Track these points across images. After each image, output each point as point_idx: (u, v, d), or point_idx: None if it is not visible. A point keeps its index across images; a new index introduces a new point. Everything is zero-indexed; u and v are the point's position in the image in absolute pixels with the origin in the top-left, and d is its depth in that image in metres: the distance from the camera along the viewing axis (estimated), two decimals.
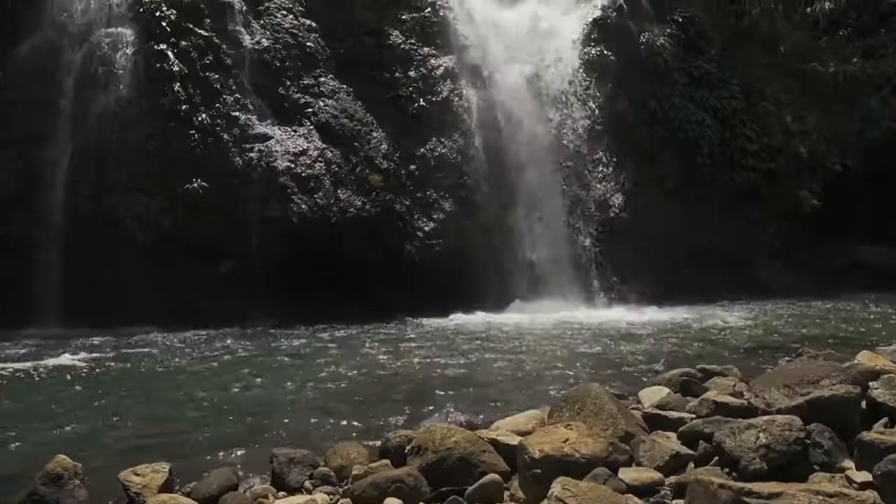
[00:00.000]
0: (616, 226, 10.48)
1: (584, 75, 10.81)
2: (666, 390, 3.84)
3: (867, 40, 12.36)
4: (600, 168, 10.60)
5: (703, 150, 11.20)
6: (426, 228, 9.66)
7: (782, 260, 11.61)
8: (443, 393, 4.87)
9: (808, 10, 12.34)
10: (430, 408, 4.42)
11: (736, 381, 4.28)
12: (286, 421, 4.29)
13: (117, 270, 8.52)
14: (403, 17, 10.80)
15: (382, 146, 9.76)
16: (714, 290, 10.41)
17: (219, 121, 9.19)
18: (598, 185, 10.63)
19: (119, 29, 9.37)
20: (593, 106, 10.67)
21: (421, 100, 10.24)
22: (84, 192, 8.85)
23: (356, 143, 9.60)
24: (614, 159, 10.65)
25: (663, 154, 11.04)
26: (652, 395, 3.79)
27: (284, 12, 10.18)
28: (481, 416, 4.05)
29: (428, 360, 6.15)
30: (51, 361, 6.38)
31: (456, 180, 9.92)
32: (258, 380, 5.56)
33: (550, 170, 10.32)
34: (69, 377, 5.81)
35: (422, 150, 9.95)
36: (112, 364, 6.39)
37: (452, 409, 4.28)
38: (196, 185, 8.89)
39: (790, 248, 11.57)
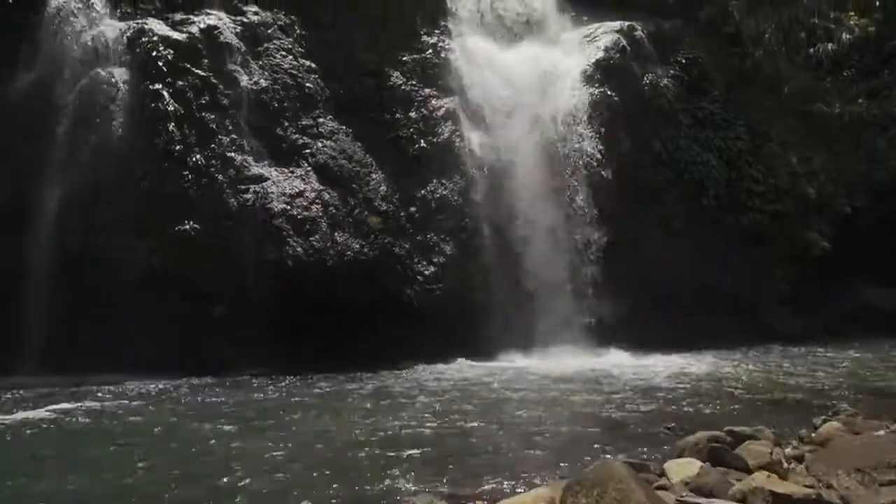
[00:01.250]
0: (620, 268, 9.93)
1: (588, 116, 10.40)
2: (697, 463, 3.30)
3: (871, 81, 12.02)
4: (604, 209, 10.11)
5: (708, 191, 10.77)
6: (426, 272, 9.16)
7: (791, 303, 11.10)
8: (428, 458, 4.30)
9: (811, 51, 12.01)
10: (412, 478, 3.86)
11: (771, 446, 3.74)
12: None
13: (103, 313, 7.96)
14: (404, 58, 10.47)
15: (382, 188, 9.32)
16: (722, 335, 9.90)
17: (214, 161, 8.77)
18: (602, 227, 10.13)
19: (115, 68, 8.98)
20: (597, 147, 10.22)
21: (421, 141, 9.83)
22: (73, 231, 8.38)
23: (354, 185, 9.16)
24: (618, 200, 10.17)
25: (668, 195, 10.60)
26: (681, 470, 3.24)
27: (284, 53, 9.84)
28: (473, 490, 3.51)
29: (415, 421, 5.55)
30: (9, 418, 5.84)
31: (457, 223, 9.45)
32: (213, 441, 5.00)
33: (553, 211, 9.85)
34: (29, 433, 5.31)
35: (422, 191, 9.50)
36: (79, 419, 5.87)
37: (439, 481, 3.72)
38: (188, 226, 8.42)
39: (799, 291, 11.07)
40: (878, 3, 12.52)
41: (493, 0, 11.62)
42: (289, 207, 8.74)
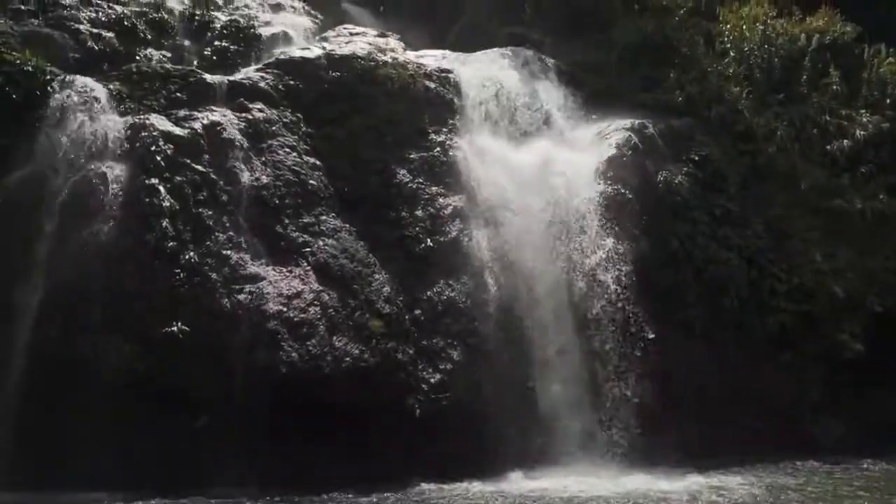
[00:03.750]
0: (640, 375, 8.94)
1: (601, 214, 9.64)
2: None
3: (889, 177, 11.28)
4: (621, 312, 9.18)
5: (730, 291, 9.84)
6: (431, 380, 8.14)
7: (826, 410, 9.96)
8: None
9: (827, 147, 11.37)
10: None
11: None
12: None
13: (78, 423, 7.06)
14: (412, 155, 9.88)
15: (385, 289, 8.46)
16: (755, 447, 8.86)
17: (208, 259, 7.99)
18: (620, 330, 9.18)
19: (112, 163, 8.35)
20: (612, 246, 9.40)
21: (428, 240, 9.06)
22: (53, 333, 7.50)
23: (356, 286, 8.31)
24: (636, 303, 9.25)
25: (688, 296, 9.69)
26: None
27: (288, 149, 9.25)
28: None
29: None
30: None
31: (465, 326, 8.51)
32: None
33: (567, 314, 8.94)
34: None
35: (428, 293, 8.63)
36: None
37: None
38: (176, 328, 7.55)
39: (833, 396, 9.96)
40: (888, 101, 12.01)
41: (501, 98, 11.16)
42: (285, 309, 7.87)
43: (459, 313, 8.59)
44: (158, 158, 8.31)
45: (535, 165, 10.26)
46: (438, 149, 10.00)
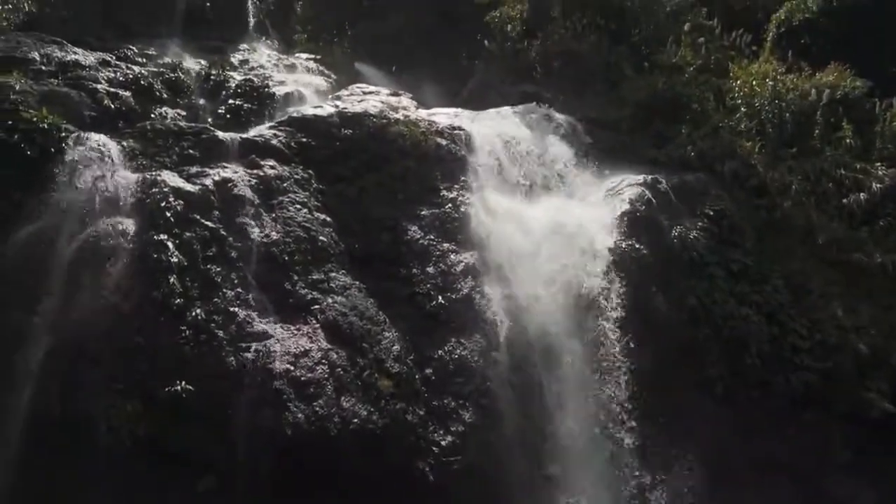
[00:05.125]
0: (661, 438, 8.47)
1: (616, 271, 9.32)
2: None
3: None
4: (638, 369, 8.76)
5: (751, 348, 9.41)
6: (442, 443, 7.70)
7: (855, 471, 9.35)
8: None
9: (843, 201, 11.06)
10: None
11: None
12: None
13: (79, 486, 6.75)
14: (423, 212, 9.69)
15: (395, 347, 8.12)
16: None
17: (215, 316, 7.71)
18: (635, 389, 8.74)
19: (122, 219, 8.19)
20: (628, 303, 9.05)
21: (439, 297, 8.76)
22: (53, 393, 7.17)
23: (365, 344, 7.97)
24: (654, 362, 8.84)
25: (708, 354, 9.26)
26: None
27: (299, 206, 9.09)
28: None
29: None
30: None
31: (477, 386, 8.10)
32: None
33: (583, 374, 8.53)
34: None
35: (439, 351, 8.27)
36: None
37: None
38: (180, 387, 7.21)
39: (861, 457, 9.37)
40: None
41: (513, 155, 11.03)
42: (292, 368, 7.53)
43: (472, 373, 8.20)
44: (168, 214, 8.15)
45: (548, 222, 10.02)
46: (450, 205, 9.82)
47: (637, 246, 9.58)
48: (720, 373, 9.21)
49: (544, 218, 10.09)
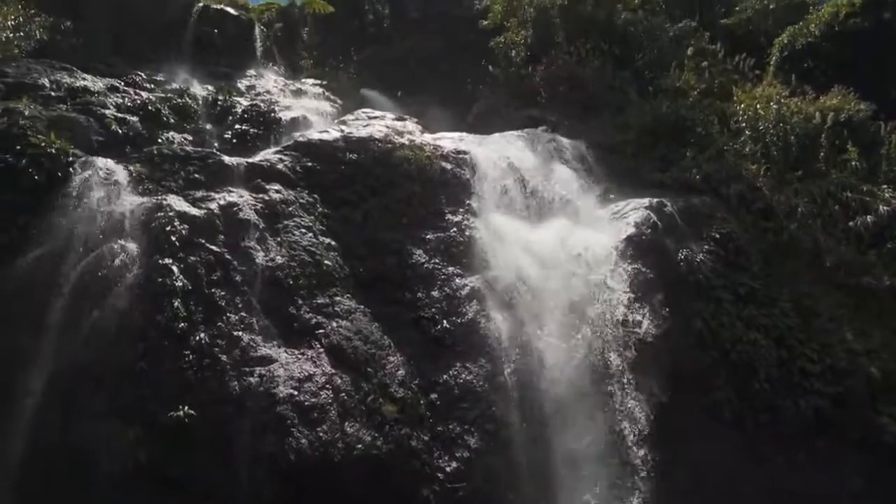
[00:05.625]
0: (667, 464, 8.27)
1: (621, 294, 9.22)
2: None
3: None
4: (646, 396, 8.61)
5: (759, 373, 9.23)
6: (447, 469, 7.56)
7: (868, 499, 9.11)
8: None
9: (850, 223, 10.95)
10: None
11: None
12: None
13: None
14: (428, 236, 9.67)
15: (399, 372, 8.03)
16: None
17: (219, 341, 7.63)
18: (643, 416, 8.58)
19: (127, 243, 8.16)
20: (634, 327, 8.93)
21: (444, 321, 8.70)
22: (53, 419, 7.08)
23: (370, 369, 7.88)
24: (661, 386, 8.69)
25: (716, 378, 9.10)
26: None
27: (304, 230, 9.07)
28: None
29: None
30: None
31: (483, 411, 7.98)
32: None
33: (590, 398, 8.38)
34: None
35: (444, 376, 8.18)
36: None
37: None
38: (182, 412, 7.11)
39: (876, 483, 9.14)
40: None
41: (518, 178, 10.99)
42: (296, 393, 7.43)
43: (477, 397, 8.09)
44: (173, 238, 8.13)
45: (553, 245, 9.96)
46: (455, 229, 9.81)
47: (643, 269, 9.48)
48: (728, 397, 9.04)
49: (550, 241, 10.03)
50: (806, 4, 17.62)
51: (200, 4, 14.56)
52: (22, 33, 11.78)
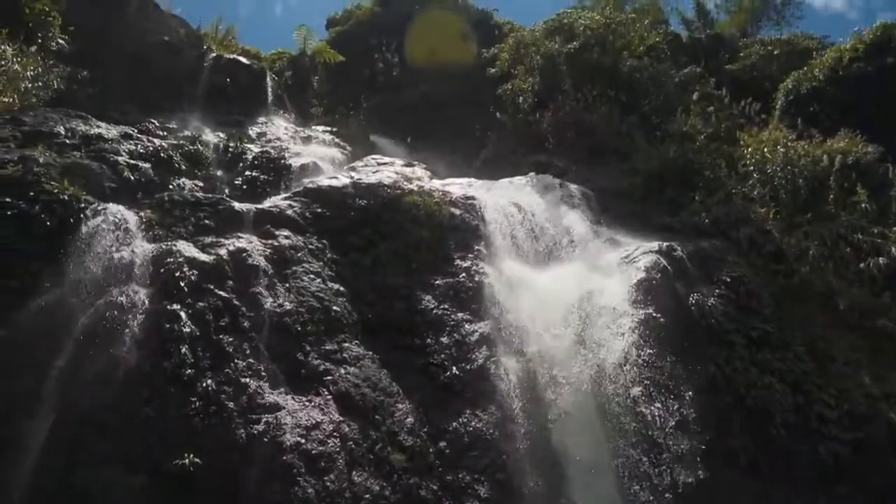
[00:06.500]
0: None
1: (632, 340, 9.08)
2: None
3: None
4: (660, 443, 8.40)
5: (775, 418, 9.04)
6: None
7: None
8: None
9: (861, 266, 10.84)
10: None
11: None
12: None
13: None
14: (437, 282, 9.63)
15: (408, 419, 7.88)
16: None
17: (226, 387, 7.53)
18: (658, 464, 8.36)
19: (135, 288, 8.14)
20: (646, 373, 8.76)
21: (454, 367, 8.58)
22: (55, 468, 6.91)
23: (378, 416, 7.74)
24: (675, 432, 8.49)
25: (731, 425, 8.89)
26: None
27: (312, 276, 9.05)
28: None
29: None
30: None
31: (493, 460, 7.78)
32: None
33: (604, 446, 8.18)
34: None
35: (454, 424, 8.00)
36: None
37: None
38: (188, 460, 6.97)
39: None
40: None
41: (527, 223, 10.99)
42: (303, 441, 7.28)
43: (487, 446, 7.91)
44: (182, 284, 8.11)
45: (563, 290, 9.88)
46: (464, 274, 9.76)
47: (654, 315, 9.35)
48: (744, 444, 8.81)
49: (559, 287, 9.95)
50: (809, 50, 17.84)
51: (214, 54, 14.86)
52: (40, 83, 12.03)
